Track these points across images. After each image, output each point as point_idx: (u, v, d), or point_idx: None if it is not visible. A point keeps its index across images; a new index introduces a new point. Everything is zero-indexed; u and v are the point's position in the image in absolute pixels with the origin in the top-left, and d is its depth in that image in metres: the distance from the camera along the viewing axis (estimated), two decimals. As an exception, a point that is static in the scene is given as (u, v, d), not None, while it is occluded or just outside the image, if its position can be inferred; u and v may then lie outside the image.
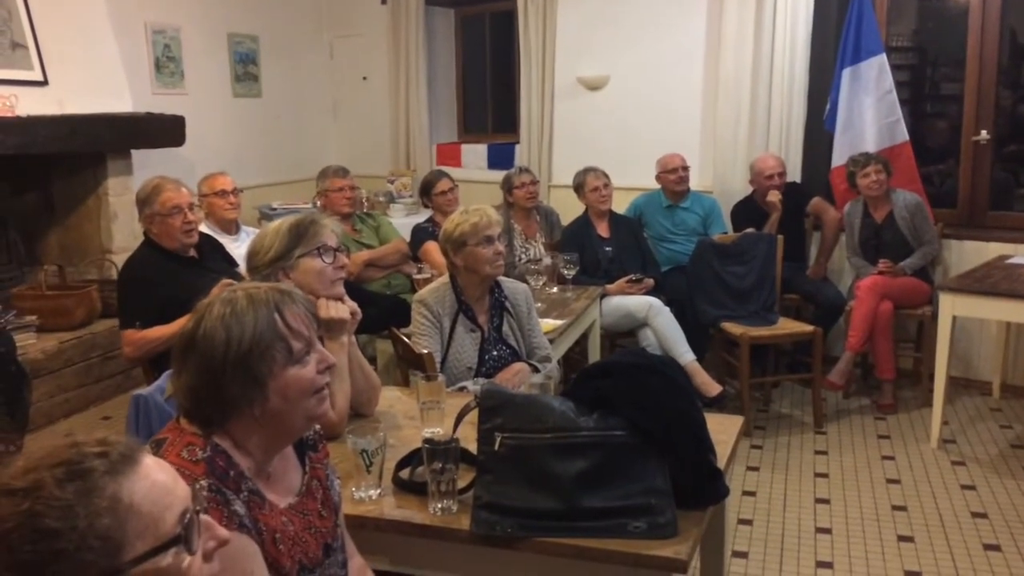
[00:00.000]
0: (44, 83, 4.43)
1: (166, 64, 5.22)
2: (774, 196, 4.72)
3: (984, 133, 4.79)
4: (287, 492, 1.49)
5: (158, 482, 0.97)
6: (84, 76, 4.59)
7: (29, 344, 4.14)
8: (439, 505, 1.78)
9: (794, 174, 5.04)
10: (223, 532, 1.04)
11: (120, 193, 4.79)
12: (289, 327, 1.43)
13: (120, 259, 3.78)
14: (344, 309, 2.19)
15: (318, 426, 1.63)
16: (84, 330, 4.44)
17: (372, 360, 3.69)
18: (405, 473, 1.93)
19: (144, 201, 3.14)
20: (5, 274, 4.69)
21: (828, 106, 4.98)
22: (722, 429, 2.10)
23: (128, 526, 0.92)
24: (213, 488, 1.32)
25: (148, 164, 4.77)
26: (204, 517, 1.01)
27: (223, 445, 1.40)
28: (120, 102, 4.74)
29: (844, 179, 4.84)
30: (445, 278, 2.88)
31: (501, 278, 2.90)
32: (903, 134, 4.80)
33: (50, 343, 4.25)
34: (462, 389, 2.66)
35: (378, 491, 1.87)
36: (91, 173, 4.80)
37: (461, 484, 1.79)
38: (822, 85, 5.02)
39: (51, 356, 4.22)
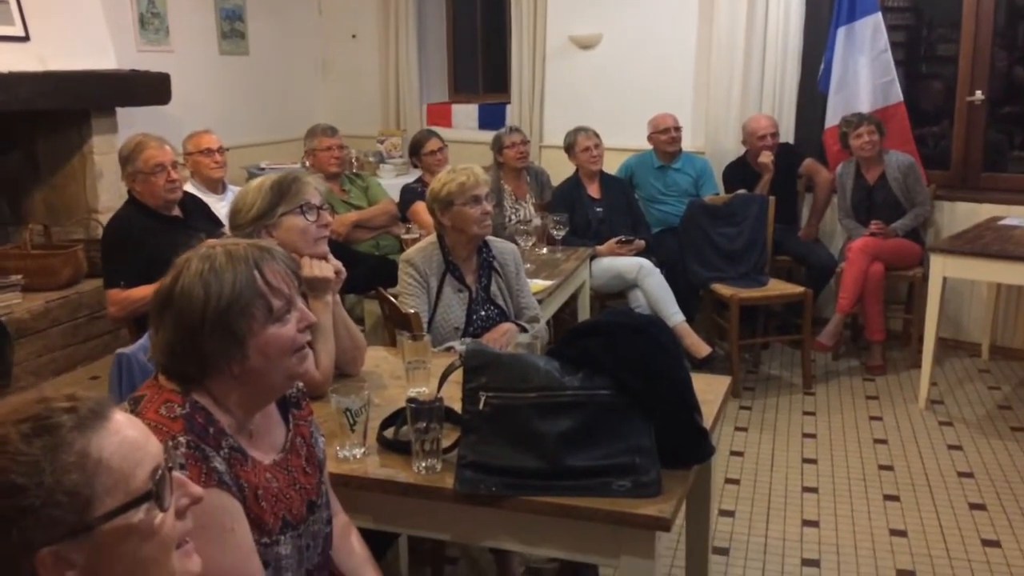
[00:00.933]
0: (25, 39, 4.35)
1: (151, 20, 5.12)
2: (766, 157, 4.69)
3: (979, 94, 4.75)
4: (270, 449, 1.48)
5: (128, 438, 0.95)
6: (66, 32, 4.50)
7: (15, 304, 4.11)
8: (423, 464, 1.77)
9: (787, 135, 5.00)
10: (196, 489, 1.02)
11: (105, 152, 4.72)
12: (269, 284, 1.40)
13: (106, 218, 3.73)
14: (328, 268, 2.17)
15: (301, 384, 1.61)
16: (70, 290, 4.41)
17: (360, 321, 3.67)
18: (389, 432, 1.92)
19: (126, 159, 3.10)
20: (-11, 234, 4.64)
21: (822, 66, 4.93)
22: (709, 389, 2.10)
23: (97, 482, 0.90)
24: (192, 445, 1.31)
25: (134, 123, 4.70)
26: (177, 474, 0.99)
27: (202, 402, 1.38)
28: (104, 59, 4.66)
29: (837, 140, 4.81)
30: (432, 238, 2.85)
31: (489, 238, 2.88)
32: (897, 95, 4.76)
33: (36, 303, 4.22)
34: (449, 349, 2.64)
35: (362, 450, 1.86)
36: (76, 131, 4.73)
37: (445, 443, 1.78)
38: (817, 44, 4.96)
39: (37, 316, 4.19)
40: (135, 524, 0.92)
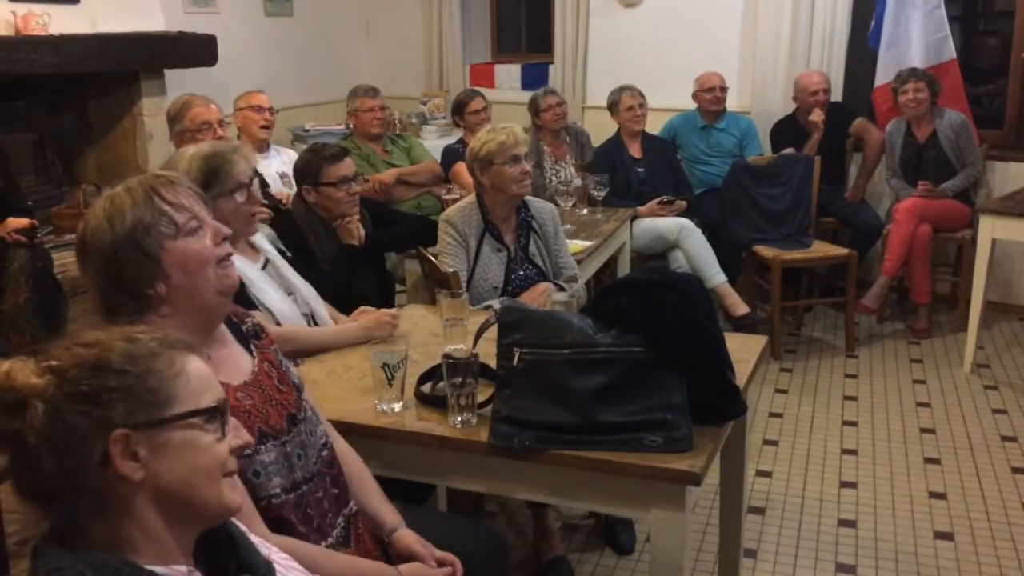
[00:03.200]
0: (76, 1, 4.42)
1: (197, -18, 5.16)
2: (817, 116, 4.60)
3: (1035, 50, 4.61)
4: (238, 375, 1.55)
5: (203, 369, 1.08)
6: (115, -6, 4.57)
7: (70, 262, 4.22)
8: (459, 418, 1.81)
9: (835, 93, 4.90)
10: (248, 436, 1.12)
11: (154, 113, 4.79)
12: (169, 203, 1.46)
13: (155, 179, 3.83)
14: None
15: (256, 317, 1.69)
16: (122, 249, 4.52)
17: (401, 280, 3.72)
18: (427, 387, 1.96)
19: (174, 118, 3.17)
20: (44, 193, 4.75)
21: (873, 21, 4.81)
22: (744, 348, 2.10)
23: (176, 388, 1.03)
24: None
25: (182, 85, 4.76)
26: (234, 419, 1.10)
27: None
28: (152, 21, 4.72)
29: (887, 98, 4.72)
30: (472, 197, 2.87)
31: (528, 198, 2.89)
32: (950, 51, 4.64)
33: (90, 262, 4.33)
34: (487, 308, 2.67)
35: (400, 404, 1.90)
36: (125, 93, 4.81)
37: (481, 398, 1.82)
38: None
39: (91, 274, 4.31)
40: (198, 433, 1.03)
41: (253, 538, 1.17)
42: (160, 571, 0.99)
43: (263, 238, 2.46)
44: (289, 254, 2.56)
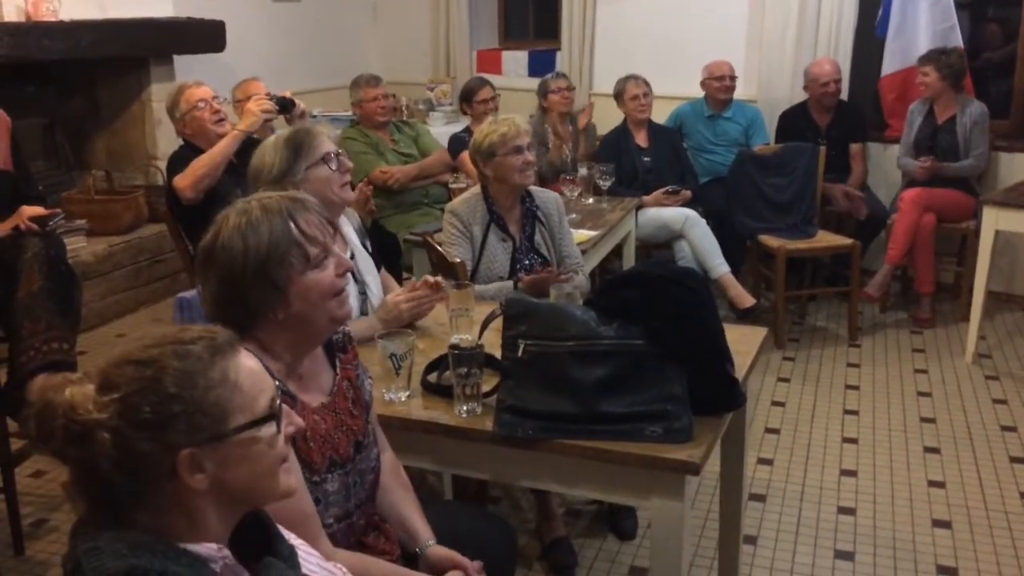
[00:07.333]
0: (86, -13, 4.45)
1: (205, -33, 5.17)
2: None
3: (1043, 40, 4.60)
4: (319, 393, 1.57)
5: (253, 368, 1.11)
6: (124, -20, 4.60)
7: (80, 247, 4.28)
8: (464, 407, 1.85)
9: (843, 82, 4.89)
10: (299, 420, 1.17)
11: (163, 99, 4.81)
12: (304, 233, 1.47)
13: (164, 164, 3.88)
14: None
15: (346, 328, 1.69)
16: (132, 234, 4.57)
17: (408, 268, 3.75)
18: (433, 377, 2.00)
19: (172, 107, 3.27)
20: (54, 178, 4.80)
21: (881, 10, 4.81)
22: (744, 340, 2.13)
23: (233, 400, 1.06)
24: None
25: (191, 70, 4.79)
26: (284, 406, 1.14)
27: (251, 349, 1.46)
28: (161, 6, 4.76)
29: (893, 88, 4.73)
30: (477, 188, 2.90)
31: (533, 188, 2.92)
32: (957, 40, 4.63)
33: (100, 246, 4.39)
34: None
35: (407, 393, 1.94)
36: (135, 79, 4.85)
37: (486, 388, 1.86)
38: (875, -12, 4.84)
39: (101, 259, 4.36)
40: (258, 439, 1.07)
41: None
42: (193, 548, 1.04)
43: (351, 228, 2.45)
44: (370, 248, 2.54)
